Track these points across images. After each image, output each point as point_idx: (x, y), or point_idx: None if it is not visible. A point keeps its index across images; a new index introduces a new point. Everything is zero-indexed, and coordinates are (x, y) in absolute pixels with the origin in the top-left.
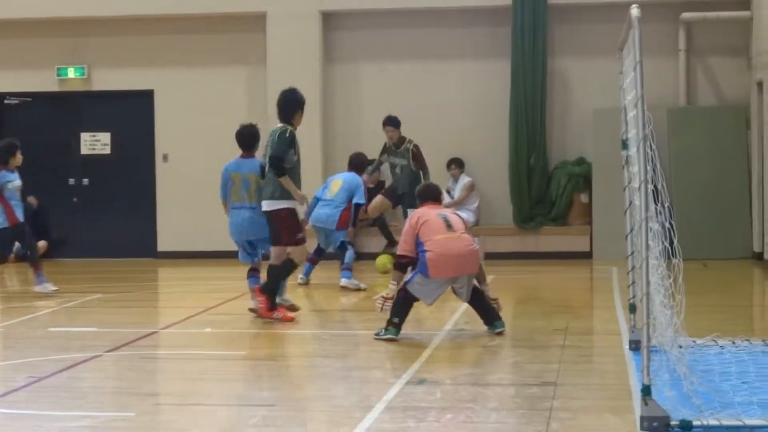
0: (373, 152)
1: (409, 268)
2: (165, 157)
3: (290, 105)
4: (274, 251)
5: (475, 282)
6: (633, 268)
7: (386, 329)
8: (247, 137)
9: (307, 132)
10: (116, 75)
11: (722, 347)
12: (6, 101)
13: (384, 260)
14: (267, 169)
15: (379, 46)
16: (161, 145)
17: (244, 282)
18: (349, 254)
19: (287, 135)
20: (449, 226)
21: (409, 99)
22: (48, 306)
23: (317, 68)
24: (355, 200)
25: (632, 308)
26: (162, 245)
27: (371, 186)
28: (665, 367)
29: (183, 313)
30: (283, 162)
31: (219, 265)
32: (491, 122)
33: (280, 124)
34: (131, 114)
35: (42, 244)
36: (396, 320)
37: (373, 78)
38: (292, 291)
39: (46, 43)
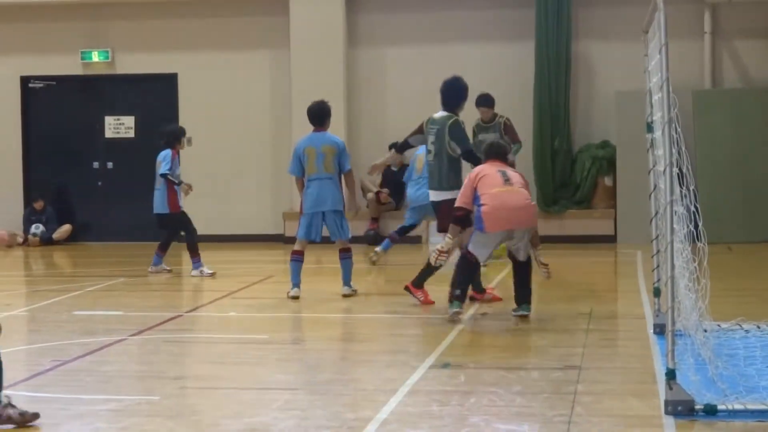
0: (397, 135)
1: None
2: (189, 141)
3: (457, 94)
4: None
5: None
6: (658, 251)
7: (450, 303)
8: (318, 112)
9: (333, 115)
10: (140, 58)
11: (747, 331)
12: (30, 85)
13: None
14: (431, 159)
15: (403, 29)
16: (185, 128)
17: (267, 266)
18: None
19: (462, 125)
20: (507, 180)
21: (433, 82)
22: (72, 290)
23: (341, 51)
24: None
25: (657, 292)
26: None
27: (395, 169)
28: (690, 351)
29: (207, 296)
30: (474, 152)
31: (243, 249)
32: (515, 105)
33: (442, 113)
34: (155, 97)
35: (66, 227)
36: (458, 292)
37: (397, 61)
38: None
39: (70, 27)
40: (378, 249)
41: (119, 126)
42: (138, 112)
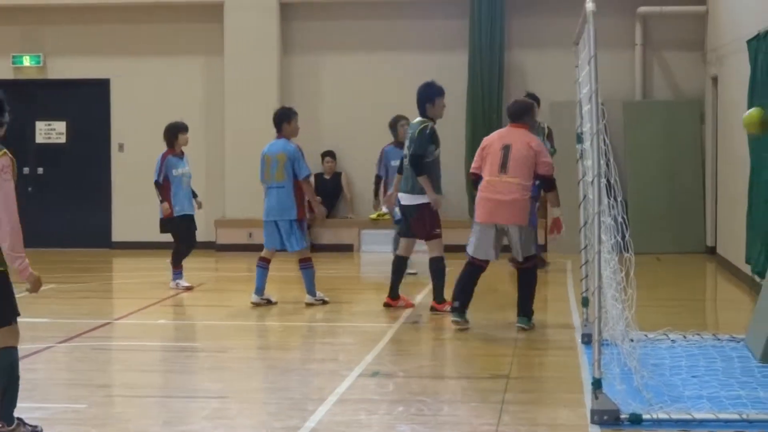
0: (331, 142)
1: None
2: (121, 147)
3: (422, 97)
4: (403, 242)
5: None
6: (586, 261)
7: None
8: (275, 118)
9: (265, 123)
10: (72, 63)
11: (673, 341)
12: None
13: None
14: (406, 163)
15: (337, 38)
16: (117, 134)
17: (199, 273)
18: None
19: (427, 131)
20: (504, 165)
21: (366, 90)
22: None
23: (275, 59)
24: None
25: (585, 302)
26: (117, 236)
27: (327, 177)
28: (616, 360)
29: (137, 304)
30: (423, 159)
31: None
32: (448, 114)
33: (418, 118)
34: (87, 103)
35: None
36: (456, 304)
37: (331, 69)
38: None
39: (2, 31)
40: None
41: (50, 131)
42: (69, 117)
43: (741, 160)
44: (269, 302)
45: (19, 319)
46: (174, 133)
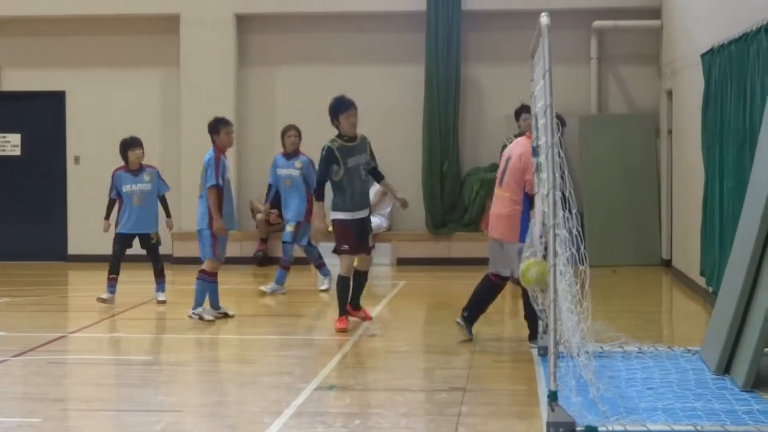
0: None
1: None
2: (77, 160)
3: (329, 113)
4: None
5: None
6: None
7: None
8: (208, 130)
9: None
10: (27, 75)
11: (628, 353)
12: None
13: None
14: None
15: (293, 50)
16: (73, 147)
17: (153, 286)
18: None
19: (323, 154)
20: (500, 180)
21: (323, 103)
22: None
23: (231, 71)
24: None
25: (541, 314)
26: (73, 248)
27: None
28: (572, 373)
29: (92, 317)
30: (324, 184)
31: (130, 269)
32: (405, 127)
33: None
34: (42, 115)
35: None
36: (465, 313)
37: (287, 81)
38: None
39: None
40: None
41: (5, 143)
42: (25, 129)
43: (695, 173)
44: (226, 315)
45: None
46: (124, 149)
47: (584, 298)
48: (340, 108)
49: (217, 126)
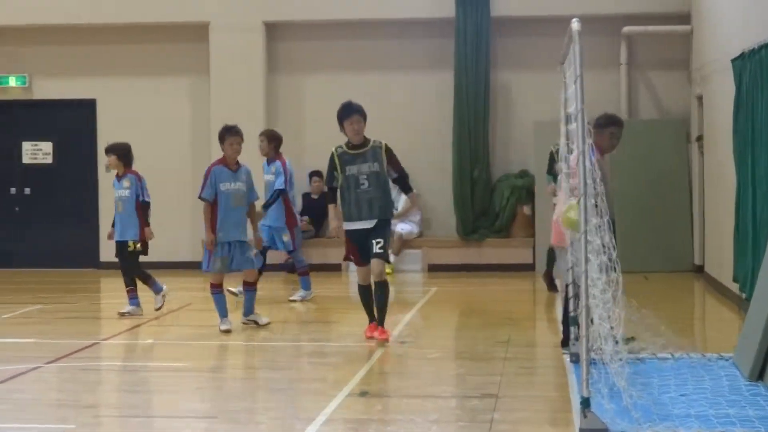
0: (315, 161)
1: None
2: (107, 168)
3: (337, 120)
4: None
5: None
6: (573, 281)
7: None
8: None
9: (252, 143)
10: (58, 84)
11: (662, 360)
12: None
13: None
14: None
15: (322, 58)
16: (103, 154)
17: (186, 293)
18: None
19: (329, 159)
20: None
21: None
22: None
23: (261, 79)
24: None
25: (573, 321)
26: (105, 255)
27: (315, 197)
28: (605, 379)
29: (125, 324)
30: (331, 188)
31: (161, 276)
32: (435, 134)
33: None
34: (73, 123)
35: None
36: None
37: (316, 89)
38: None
39: None
40: None
41: (37, 152)
42: (56, 137)
43: (727, 178)
44: (256, 323)
45: (6, 340)
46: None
47: (616, 305)
48: (343, 114)
49: (223, 135)
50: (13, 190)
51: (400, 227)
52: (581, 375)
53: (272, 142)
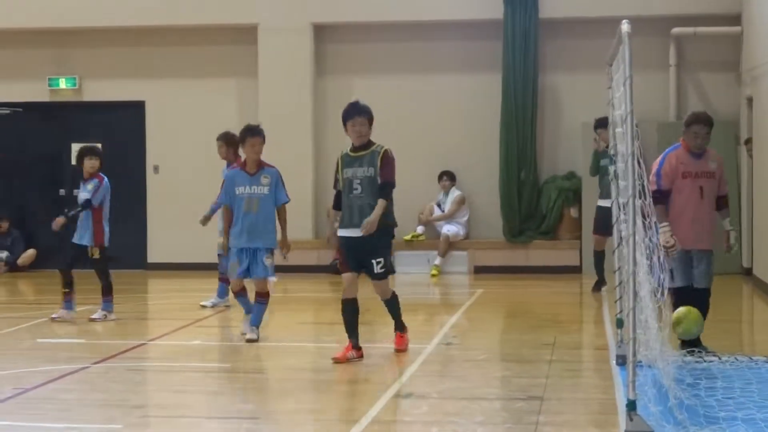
0: None
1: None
2: (156, 169)
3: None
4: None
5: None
6: (620, 282)
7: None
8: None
9: (300, 145)
10: (107, 86)
11: (708, 363)
12: None
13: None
14: None
15: (370, 59)
16: (152, 156)
17: (230, 294)
18: None
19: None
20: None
21: (400, 112)
22: (36, 317)
23: (309, 81)
24: None
25: (619, 323)
26: (152, 257)
27: None
28: (651, 382)
29: (172, 325)
30: (335, 195)
31: (209, 277)
32: (482, 136)
33: None
34: (122, 125)
35: (30, 252)
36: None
37: (364, 91)
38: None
39: (38, 54)
40: None
41: None
42: (105, 139)
43: None
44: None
45: (55, 340)
46: (80, 157)
47: (665, 307)
48: (346, 115)
49: (244, 136)
50: (62, 191)
51: (447, 228)
52: (627, 377)
53: (231, 146)
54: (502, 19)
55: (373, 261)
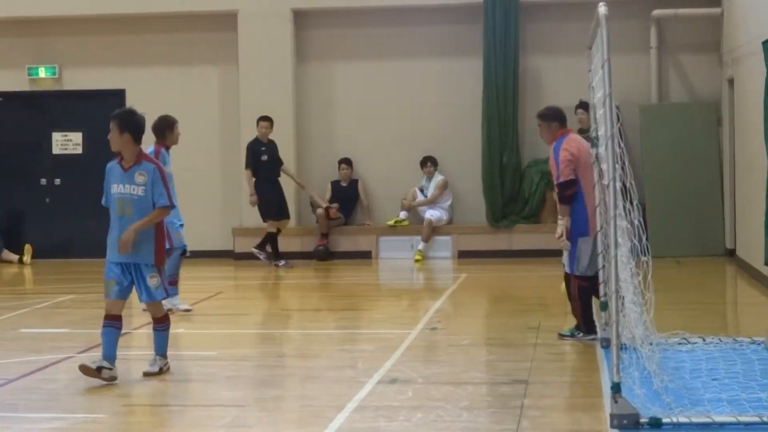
0: (346, 149)
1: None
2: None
3: None
4: None
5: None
6: (603, 266)
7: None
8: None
9: (281, 132)
10: (87, 74)
11: (693, 344)
12: None
13: None
14: None
15: (351, 45)
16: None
17: (217, 282)
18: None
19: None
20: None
21: (381, 97)
22: (19, 307)
23: (289, 67)
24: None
25: (603, 306)
26: None
27: (344, 185)
28: (635, 364)
29: None
30: None
31: (192, 265)
32: (464, 120)
33: None
34: (103, 114)
35: (26, 248)
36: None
37: (345, 76)
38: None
39: (17, 43)
40: None
41: (67, 142)
42: (86, 128)
43: (758, 162)
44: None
45: (37, 330)
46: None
47: (647, 290)
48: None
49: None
50: (43, 181)
51: (430, 213)
52: (612, 360)
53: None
54: (482, 2)
55: None
